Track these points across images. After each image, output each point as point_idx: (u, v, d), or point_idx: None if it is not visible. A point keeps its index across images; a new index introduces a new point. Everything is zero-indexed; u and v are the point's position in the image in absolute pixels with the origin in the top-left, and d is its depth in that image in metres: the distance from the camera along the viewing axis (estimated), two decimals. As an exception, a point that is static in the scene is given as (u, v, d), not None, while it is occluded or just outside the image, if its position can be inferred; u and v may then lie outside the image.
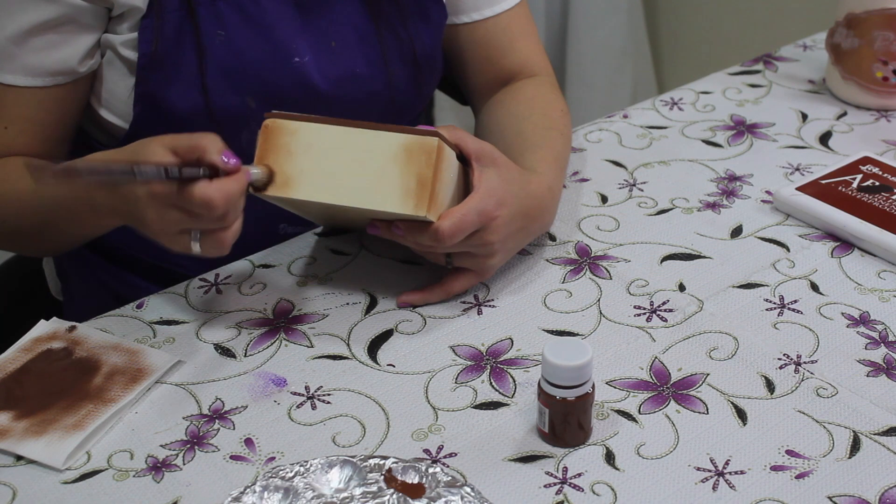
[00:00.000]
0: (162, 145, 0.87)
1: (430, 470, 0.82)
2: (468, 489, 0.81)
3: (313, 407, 0.91)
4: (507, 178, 0.98)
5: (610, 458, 0.85)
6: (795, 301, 1.01)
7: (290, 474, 0.82)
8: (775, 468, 0.84)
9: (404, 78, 1.13)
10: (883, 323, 0.98)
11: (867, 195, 1.11)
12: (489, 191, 0.96)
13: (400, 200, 0.92)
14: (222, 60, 1.04)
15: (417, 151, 0.92)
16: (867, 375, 0.92)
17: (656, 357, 0.95)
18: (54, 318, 0.99)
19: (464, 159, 0.98)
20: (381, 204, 0.92)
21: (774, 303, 1.00)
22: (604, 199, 1.16)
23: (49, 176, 0.82)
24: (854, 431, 0.87)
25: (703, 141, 1.26)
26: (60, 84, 1.04)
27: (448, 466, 0.85)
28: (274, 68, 1.06)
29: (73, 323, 0.98)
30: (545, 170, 1.06)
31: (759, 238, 1.09)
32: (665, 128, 1.28)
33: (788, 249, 1.08)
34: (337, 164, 0.93)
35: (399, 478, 0.82)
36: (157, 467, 0.85)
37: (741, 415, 0.89)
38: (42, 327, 0.98)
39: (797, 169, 1.20)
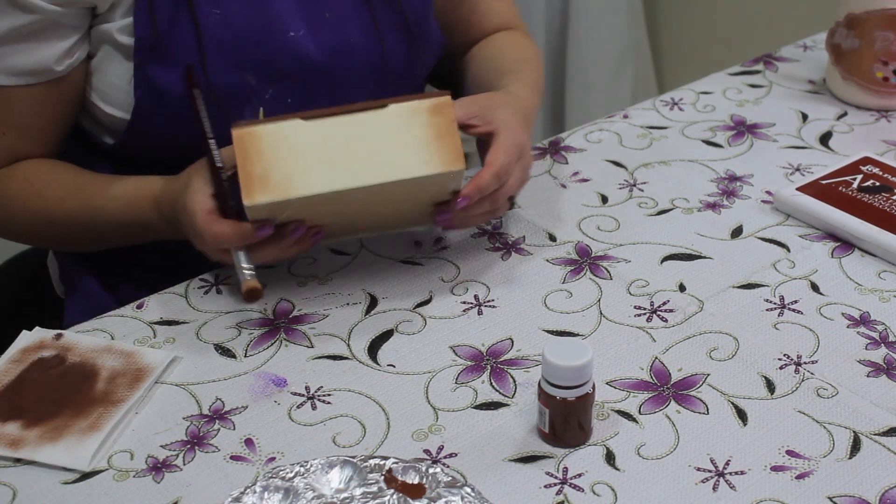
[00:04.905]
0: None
1: (431, 470, 0.82)
2: (468, 489, 0.81)
3: (313, 407, 0.91)
4: (507, 108, 1.04)
5: (610, 458, 0.85)
6: (796, 301, 1.01)
7: (291, 474, 0.82)
8: (775, 468, 0.84)
9: (398, 46, 1.14)
10: (883, 323, 0.98)
11: (867, 195, 1.11)
12: (507, 127, 1.01)
13: (434, 162, 0.92)
14: (219, 38, 1.04)
15: (432, 111, 0.93)
16: (867, 376, 0.92)
17: (656, 357, 0.95)
18: (37, 328, 0.98)
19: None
20: (411, 171, 0.92)
21: (775, 303, 1.00)
22: (604, 199, 1.16)
23: None
24: (854, 432, 0.87)
25: (704, 141, 1.26)
26: (42, 83, 1.05)
27: (448, 467, 0.85)
28: (270, 43, 1.06)
29: (58, 331, 0.98)
30: (520, 89, 1.12)
31: (759, 238, 1.09)
32: (665, 128, 1.28)
33: (789, 250, 1.08)
34: (344, 151, 0.92)
35: (399, 478, 0.82)
36: (158, 468, 0.85)
37: (741, 415, 0.89)
38: (27, 338, 0.97)
39: (797, 169, 1.20)
